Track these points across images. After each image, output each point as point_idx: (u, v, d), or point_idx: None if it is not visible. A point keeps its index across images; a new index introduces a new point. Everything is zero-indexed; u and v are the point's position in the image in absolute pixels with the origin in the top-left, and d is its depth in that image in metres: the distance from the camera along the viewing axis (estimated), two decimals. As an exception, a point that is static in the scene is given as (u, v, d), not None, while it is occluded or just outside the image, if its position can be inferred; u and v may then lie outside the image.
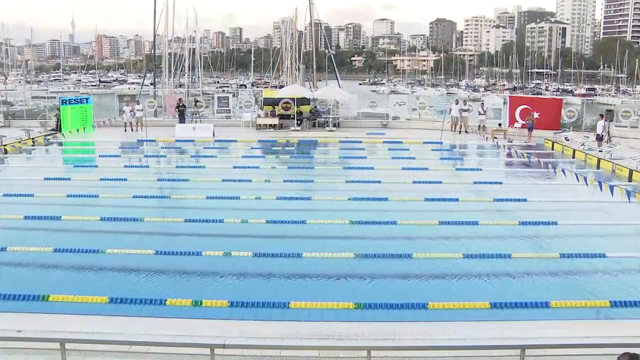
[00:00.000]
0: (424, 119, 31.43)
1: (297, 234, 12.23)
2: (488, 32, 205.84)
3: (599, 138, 22.93)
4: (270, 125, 29.83)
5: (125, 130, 28.46)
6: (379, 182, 16.19)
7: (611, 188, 14.97)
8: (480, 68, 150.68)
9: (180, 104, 29.52)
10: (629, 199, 14.39)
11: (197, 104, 31.99)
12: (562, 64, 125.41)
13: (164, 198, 16.53)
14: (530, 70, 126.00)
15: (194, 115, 30.44)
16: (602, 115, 24.18)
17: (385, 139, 25.93)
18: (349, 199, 14.66)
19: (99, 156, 22.82)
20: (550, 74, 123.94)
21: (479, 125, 28.64)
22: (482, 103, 30.60)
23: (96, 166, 20.44)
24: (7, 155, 21.59)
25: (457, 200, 14.55)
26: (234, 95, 35.89)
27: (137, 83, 72.06)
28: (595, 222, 13.23)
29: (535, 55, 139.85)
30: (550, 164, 19.07)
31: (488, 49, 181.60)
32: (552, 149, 24.60)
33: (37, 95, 45.91)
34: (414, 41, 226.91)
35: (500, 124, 28.57)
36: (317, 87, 43.33)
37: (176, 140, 25.71)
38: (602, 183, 15.69)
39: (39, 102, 39.13)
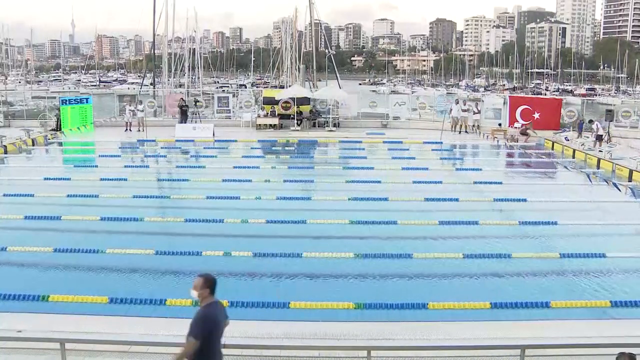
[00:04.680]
0: (424, 119, 31.44)
1: (297, 234, 12.23)
2: (488, 32, 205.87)
3: (599, 138, 22.96)
4: (270, 125, 29.83)
5: (126, 130, 28.47)
6: (379, 182, 16.19)
7: (615, 185, 15.01)
8: (480, 68, 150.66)
9: (183, 104, 29.55)
10: (635, 197, 14.43)
11: (197, 104, 31.98)
12: (562, 64, 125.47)
13: (164, 198, 16.52)
14: (530, 70, 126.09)
15: (194, 115, 30.43)
16: (591, 121, 24.69)
17: (385, 139, 25.92)
18: (349, 199, 14.65)
19: (99, 156, 22.82)
20: (550, 74, 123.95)
21: (474, 125, 28.72)
22: (477, 103, 30.66)
23: (96, 166, 20.45)
24: (7, 155, 21.57)
25: (457, 200, 14.54)
26: (234, 95, 35.87)
27: (137, 83, 71.97)
28: (595, 222, 13.24)
29: (535, 55, 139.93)
30: (550, 164, 19.09)
31: (488, 49, 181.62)
32: (552, 149, 24.60)
33: (37, 95, 45.85)
34: (414, 41, 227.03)
35: (500, 124, 28.57)
36: (317, 87, 43.29)
37: (176, 140, 25.70)
38: (607, 181, 15.71)
39: (39, 102, 39.09)
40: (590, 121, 25.29)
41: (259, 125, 29.94)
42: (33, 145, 24.20)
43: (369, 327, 7.71)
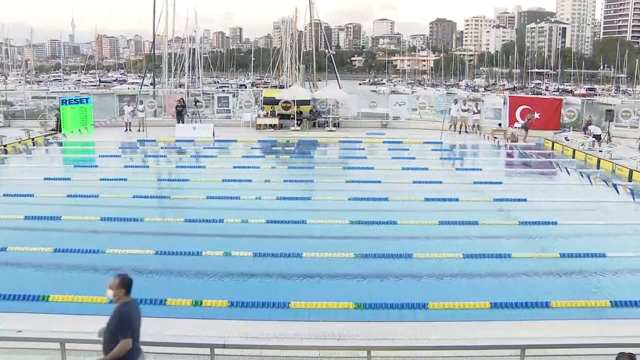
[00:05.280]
0: (424, 119, 31.45)
1: (297, 234, 12.23)
2: (488, 32, 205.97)
3: (597, 138, 22.99)
4: (270, 125, 29.84)
5: (126, 130, 28.48)
6: (379, 182, 16.18)
7: (615, 187, 15.00)
8: (480, 68, 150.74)
9: (179, 104, 29.41)
10: (634, 198, 14.43)
11: (197, 103, 31.97)
12: (562, 64, 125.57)
13: (164, 198, 16.53)
14: (530, 70, 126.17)
15: (194, 115, 30.42)
16: (586, 128, 24.78)
17: (385, 139, 25.91)
18: (349, 199, 14.64)
19: (99, 156, 22.81)
20: (550, 74, 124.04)
21: (474, 125, 28.76)
22: (477, 103, 30.70)
23: (96, 166, 20.45)
24: (7, 155, 21.57)
25: (457, 200, 14.54)
26: (234, 95, 35.87)
27: (137, 83, 72.02)
28: (595, 222, 13.25)
29: (535, 55, 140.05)
30: (550, 164, 19.10)
31: (488, 49, 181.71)
32: (552, 149, 24.60)
33: (37, 95, 45.88)
34: (414, 41, 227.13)
35: (500, 124, 28.58)
36: (317, 87, 43.29)
37: (176, 140, 25.70)
38: (607, 182, 15.71)
39: (39, 102, 39.11)
40: (585, 127, 25.34)
41: (259, 125, 29.94)
42: (33, 145, 24.21)
43: (369, 327, 7.72)
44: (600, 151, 21.80)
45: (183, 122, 28.91)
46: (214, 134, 26.76)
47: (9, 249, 10.60)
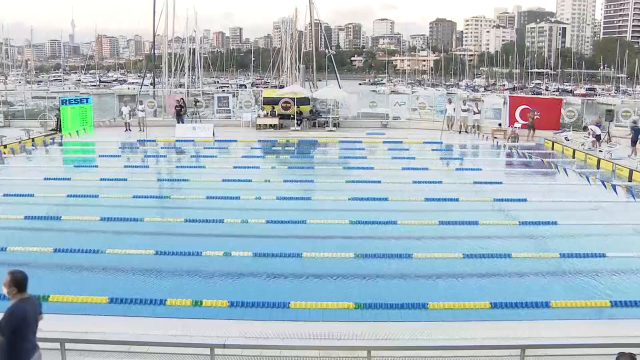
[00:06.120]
0: (424, 119, 31.46)
1: (297, 234, 12.23)
2: (488, 32, 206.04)
3: (597, 138, 23.00)
4: (270, 125, 29.85)
5: (126, 130, 28.48)
6: (379, 182, 16.18)
7: (613, 187, 15.00)
8: (480, 68, 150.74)
9: (178, 105, 29.35)
10: (634, 198, 14.43)
11: (197, 104, 31.98)
12: (562, 64, 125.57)
13: (164, 198, 16.53)
14: (530, 70, 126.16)
15: (194, 115, 30.42)
16: (585, 128, 24.90)
17: (385, 139, 25.91)
18: (349, 199, 14.64)
19: (99, 156, 22.81)
20: (550, 74, 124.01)
21: (473, 125, 28.77)
22: (477, 103, 30.77)
23: (96, 166, 20.45)
24: (7, 155, 21.56)
25: (457, 200, 14.54)
26: (234, 95, 35.89)
27: (137, 83, 72.00)
28: (595, 222, 13.24)
29: (535, 55, 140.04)
30: (550, 164, 19.09)
31: (488, 49, 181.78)
32: (552, 149, 24.60)
33: (37, 95, 45.90)
34: (414, 41, 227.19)
35: (500, 124, 28.59)
36: (317, 87, 43.30)
37: (176, 140, 25.71)
38: (605, 182, 15.71)
39: (39, 102, 39.13)
40: (585, 128, 25.37)
41: (259, 125, 29.95)
42: (33, 145, 24.19)
43: (369, 327, 7.72)
44: (600, 151, 21.81)
45: (183, 123, 28.93)
46: (214, 134, 26.77)
47: (9, 249, 10.60)
